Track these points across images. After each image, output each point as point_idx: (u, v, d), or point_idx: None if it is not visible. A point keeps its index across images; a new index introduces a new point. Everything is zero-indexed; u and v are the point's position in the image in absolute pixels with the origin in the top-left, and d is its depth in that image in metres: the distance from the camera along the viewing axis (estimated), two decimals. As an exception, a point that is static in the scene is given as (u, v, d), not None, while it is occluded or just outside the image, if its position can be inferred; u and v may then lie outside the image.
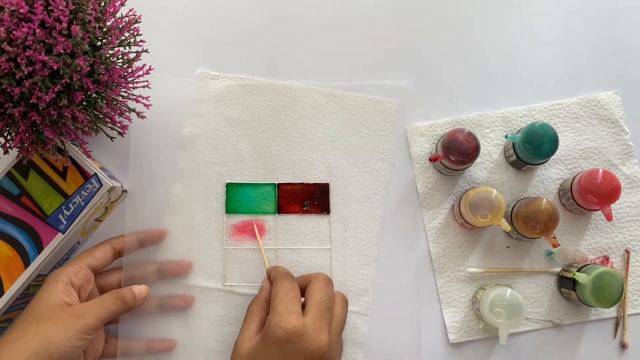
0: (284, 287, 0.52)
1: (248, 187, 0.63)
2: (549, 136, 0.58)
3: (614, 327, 0.61)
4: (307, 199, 0.63)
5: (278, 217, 0.63)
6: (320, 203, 0.63)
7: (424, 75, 0.66)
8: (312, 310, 0.51)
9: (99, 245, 0.58)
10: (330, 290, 0.53)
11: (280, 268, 0.57)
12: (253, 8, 0.67)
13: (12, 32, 0.45)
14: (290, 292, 0.52)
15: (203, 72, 0.65)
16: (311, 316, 0.50)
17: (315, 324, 0.49)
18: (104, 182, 0.58)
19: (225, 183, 0.63)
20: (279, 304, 0.51)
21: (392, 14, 0.67)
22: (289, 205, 0.63)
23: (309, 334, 0.49)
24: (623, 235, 0.62)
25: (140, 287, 0.57)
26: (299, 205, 0.63)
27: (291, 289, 0.53)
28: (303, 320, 0.49)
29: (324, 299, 0.52)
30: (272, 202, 0.63)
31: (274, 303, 0.51)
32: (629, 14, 0.67)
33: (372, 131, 0.64)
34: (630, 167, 0.64)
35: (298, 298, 0.52)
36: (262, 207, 0.63)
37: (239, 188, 0.63)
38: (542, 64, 0.66)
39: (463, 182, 0.63)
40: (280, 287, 0.53)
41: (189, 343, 0.60)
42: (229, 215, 0.62)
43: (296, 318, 0.49)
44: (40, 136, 0.52)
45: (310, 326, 0.49)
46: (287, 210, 0.63)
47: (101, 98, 0.53)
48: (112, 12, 0.51)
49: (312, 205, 0.63)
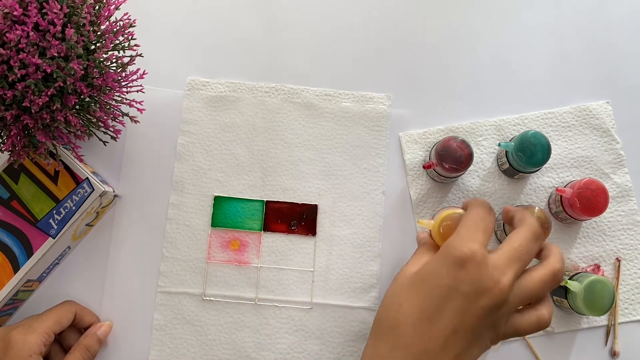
0: (477, 215, 0.46)
1: (236, 202, 0.63)
2: (542, 144, 0.59)
3: (605, 335, 0.61)
4: (295, 218, 0.63)
5: (264, 234, 0.62)
6: (307, 224, 0.62)
7: (418, 83, 0.66)
8: (503, 250, 0.44)
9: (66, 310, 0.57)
10: (533, 245, 0.45)
11: (480, 199, 0.52)
12: (247, 15, 0.67)
13: (6, 35, 0.45)
14: (482, 222, 0.45)
15: (194, 80, 0.65)
16: (498, 255, 0.44)
17: (498, 262, 0.43)
18: (95, 186, 0.57)
19: (214, 196, 0.63)
20: (465, 229, 0.45)
21: (386, 21, 0.68)
22: (275, 224, 0.62)
23: (487, 267, 0.42)
24: (614, 243, 0.63)
25: (104, 328, 0.58)
26: (286, 225, 0.62)
27: (484, 219, 0.46)
28: (486, 252, 0.43)
29: (522, 247, 0.44)
30: (259, 219, 0.63)
31: (460, 227, 0.45)
32: (621, 24, 0.68)
33: (368, 127, 0.64)
34: (622, 176, 0.64)
35: (488, 232, 0.45)
36: (248, 223, 0.62)
37: (227, 202, 0.63)
38: (534, 73, 0.67)
39: (456, 190, 0.64)
40: (474, 213, 0.46)
41: (195, 350, 0.60)
42: (214, 228, 0.62)
43: (478, 246, 0.43)
44: (32, 140, 0.51)
45: (491, 262, 0.43)
46: (273, 229, 0.62)
47: (94, 102, 0.52)
48: (106, 15, 0.51)
49: (298, 226, 0.62)
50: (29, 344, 0.52)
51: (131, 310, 0.60)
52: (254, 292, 0.61)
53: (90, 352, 0.56)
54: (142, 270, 0.61)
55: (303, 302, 0.61)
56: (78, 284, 0.61)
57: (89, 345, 0.56)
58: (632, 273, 0.62)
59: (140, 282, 0.61)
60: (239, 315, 0.60)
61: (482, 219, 0.46)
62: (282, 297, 0.61)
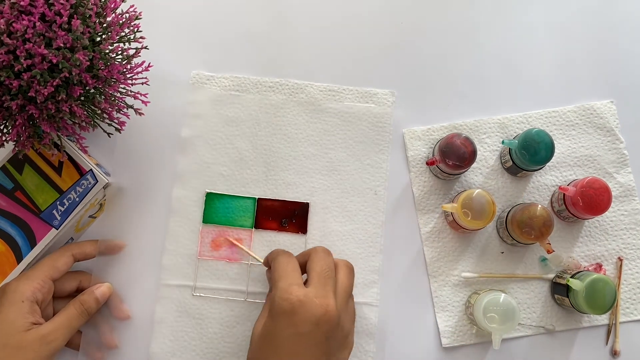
0: (281, 263, 0.52)
1: (228, 199, 0.63)
2: (546, 143, 0.59)
3: (606, 334, 0.61)
4: (286, 216, 0.63)
5: (255, 232, 0.62)
6: (299, 222, 0.62)
7: (422, 79, 0.66)
8: (314, 280, 0.50)
9: (60, 254, 0.56)
10: (329, 260, 0.53)
11: (274, 250, 0.57)
12: (252, 10, 0.67)
13: (12, 25, 0.45)
14: (288, 266, 0.52)
15: (199, 74, 0.65)
16: (313, 286, 0.50)
17: (318, 292, 0.49)
18: (99, 178, 0.57)
19: (206, 192, 0.63)
20: (279, 280, 0.51)
21: (391, 17, 0.68)
22: (266, 221, 0.63)
23: (312, 302, 0.48)
24: (616, 242, 0.63)
25: (103, 288, 0.58)
26: (277, 222, 0.63)
27: (288, 262, 0.53)
28: (305, 290, 0.49)
29: (324, 269, 0.51)
30: (250, 216, 0.63)
31: (274, 280, 0.51)
32: (626, 23, 0.68)
33: (371, 123, 0.64)
34: (625, 176, 0.64)
35: (297, 270, 0.52)
36: (239, 220, 0.62)
37: (219, 199, 0.63)
38: (539, 71, 0.67)
39: (459, 187, 0.64)
40: (278, 263, 0.53)
41: (200, 345, 0.60)
42: (206, 225, 0.62)
43: (297, 288, 0.49)
44: (37, 130, 0.51)
45: (313, 294, 0.49)
46: (264, 226, 0.62)
47: (99, 93, 0.52)
48: (112, 7, 0.51)
49: (290, 224, 0.63)
50: (21, 290, 0.52)
51: (132, 303, 0.60)
52: (245, 288, 0.61)
53: (84, 307, 0.55)
54: (144, 263, 0.61)
55: None
56: (80, 275, 0.61)
57: (84, 300, 0.55)
58: (633, 272, 0.62)
59: (142, 275, 0.61)
60: (239, 309, 0.61)
61: (287, 263, 0.52)
62: None
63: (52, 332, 0.52)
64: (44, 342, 0.51)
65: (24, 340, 0.51)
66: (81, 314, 0.55)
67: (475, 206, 0.57)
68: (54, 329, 0.52)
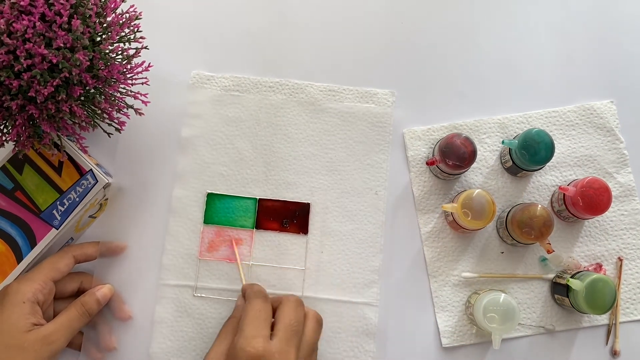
0: (254, 309, 0.52)
1: (229, 199, 0.63)
2: (546, 143, 0.59)
3: (606, 334, 0.61)
4: (287, 217, 0.63)
5: (256, 232, 0.62)
6: (300, 222, 0.62)
7: (422, 79, 0.66)
8: (280, 333, 0.50)
9: (61, 255, 0.56)
10: (299, 313, 0.53)
11: (255, 286, 0.56)
12: (252, 10, 0.67)
13: (12, 25, 0.45)
14: (261, 314, 0.51)
15: (199, 74, 0.65)
16: (278, 339, 0.49)
17: (281, 347, 0.49)
18: (99, 178, 0.57)
19: (207, 193, 0.63)
20: (247, 326, 0.50)
21: (391, 17, 0.68)
22: (267, 222, 0.62)
23: (272, 358, 0.48)
24: (616, 243, 0.63)
25: (104, 289, 0.58)
26: (278, 223, 0.62)
27: (262, 310, 0.52)
28: (269, 345, 0.49)
29: (292, 322, 0.51)
30: (251, 216, 0.63)
31: (242, 324, 0.51)
32: (627, 23, 0.68)
33: (371, 123, 0.65)
34: (625, 176, 0.64)
35: (267, 320, 0.52)
36: (240, 221, 0.62)
37: (220, 199, 0.63)
38: (539, 71, 0.67)
39: (459, 187, 0.64)
40: (251, 307, 0.52)
41: (200, 345, 0.60)
42: (207, 225, 0.62)
43: (262, 342, 0.48)
44: (37, 130, 0.51)
45: (276, 350, 0.48)
46: (265, 227, 0.62)
47: (99, 93, 0.52)
48: (112, 7, 0.51)
49: (290, 224, 0.62)
50: (22, 291, 0.52)
51: (132, 303, 0.60)
52: None
53: (85, 308, 0.55)
54: (144, 263, 0.61)
55: None
56: (80, 275, 0.61)
57: (85, 302, 0.55)
58: (633, 273, 0.62)
59: (143, 275, 0.61)
60: None
61: (261, 310, 0.52)
62: (275, 292, 0.61)
63: (54, 333, 0.52)
64: (45, 342, 0.51)
65: (26, 341, 0.51)
66: (82, 315, 0.55)
67: (475, 206, 0.57)
68: (55, 329, 0.52)
